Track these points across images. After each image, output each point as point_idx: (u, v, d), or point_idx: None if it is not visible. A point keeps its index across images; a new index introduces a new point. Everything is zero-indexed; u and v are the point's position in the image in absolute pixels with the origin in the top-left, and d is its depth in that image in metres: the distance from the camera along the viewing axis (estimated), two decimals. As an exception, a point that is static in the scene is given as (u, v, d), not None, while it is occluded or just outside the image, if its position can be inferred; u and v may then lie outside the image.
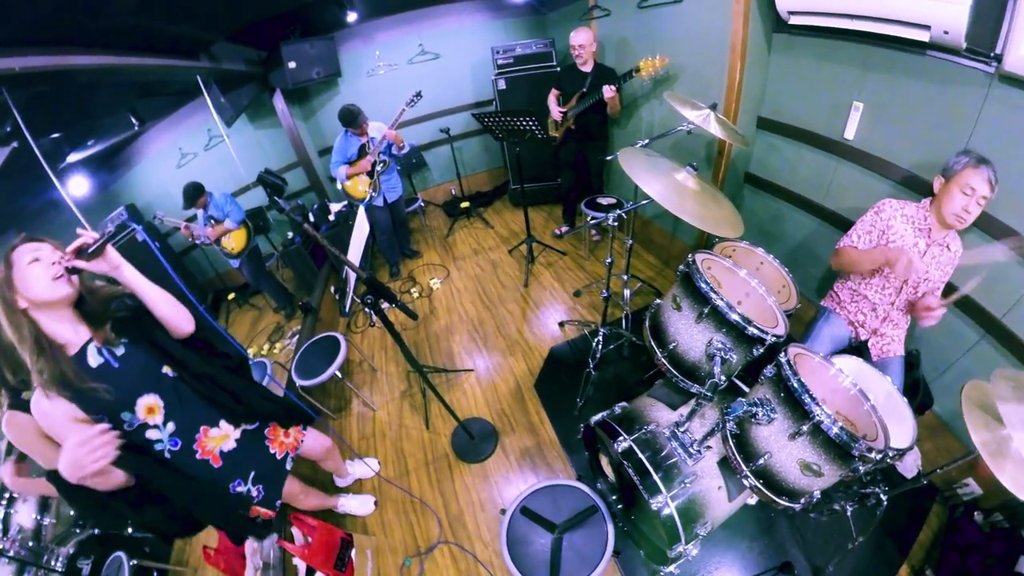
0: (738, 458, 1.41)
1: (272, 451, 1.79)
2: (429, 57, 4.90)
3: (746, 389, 1.73)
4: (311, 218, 4.50)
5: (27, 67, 1.86)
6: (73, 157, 3.20)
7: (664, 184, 1.79)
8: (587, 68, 3.43)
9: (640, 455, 1.61)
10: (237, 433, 1.65)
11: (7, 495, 2.30)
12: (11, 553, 2.09)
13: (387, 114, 3.75)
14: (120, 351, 1.35)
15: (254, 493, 1.68)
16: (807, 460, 1.27)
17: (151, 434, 1.40)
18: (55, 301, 1.22)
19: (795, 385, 1.26)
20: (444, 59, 4.94)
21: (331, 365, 2.77)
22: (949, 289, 1.86)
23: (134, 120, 3.64)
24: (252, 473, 1.68)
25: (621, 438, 1.66)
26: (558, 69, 4.22)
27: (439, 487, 2.55)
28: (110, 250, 1.25)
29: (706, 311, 1.55)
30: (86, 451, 1.13)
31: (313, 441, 2.03)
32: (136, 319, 1.39)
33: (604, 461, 2.06)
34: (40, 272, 1.18)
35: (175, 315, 1.41)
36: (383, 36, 4.75)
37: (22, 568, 2.12)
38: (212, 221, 3.76)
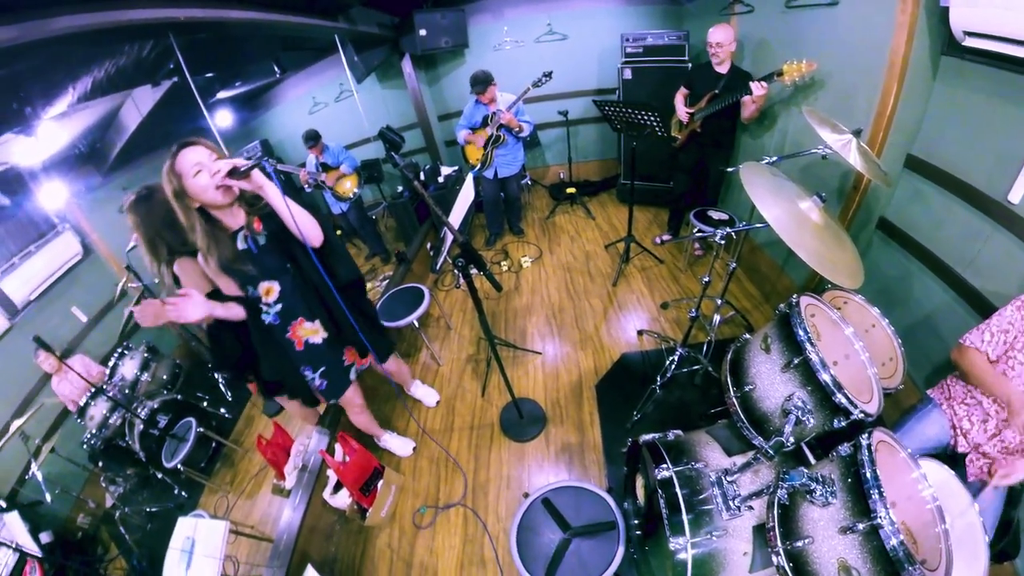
0: (777, 531, 1.28)
1: (343, 357, 2.06)
2: (556, 37, 4.83)
3: (812, 460, 1.56)
4: (422, 176, 4.77)
5: (190, 17, 2.18)
6: (222, 94, 3.79)
7: (784, 210, 1.63)
8: (722, 69, 3.14)
9: (677, 489, 1.52)
10: (325, 334, 1.92)
11: (119, 350, 2.84)
12: (110, 394, 2.64)
13: (507, 90, 3.82)
14: (261, 241, 1.68)
15: (317, 383, 1.98)
16: (849, 562, 1.12)
17: (263, 307, 1.78)
18: (219, 203, 1.53)
19: (868, 475, 1.11)
20: (571, 41, 4.84)
21: (412, 313, 2.95)
22: None
23: (277, 69, 4.21)
24: (322, 368, 1.98)
25: (665, 465, 1.59)
26: (689, 66, 3.93)
27: (475, 452, 2.66)
28: (255, 173, 1.48)
29: (796, 362, 1.42)
30: None
31: (390, 365, 2.43)
32: (280, 222, 1.65)
33: (639, 483, 1.98)
34: (205, 181, 1.45)
35: (307, 226, 1.63)
36: (512, 12, 4.76)
37: (114, 408, 2.67)
38: (324, 168, 4.18)
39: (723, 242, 2.23)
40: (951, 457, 1.70)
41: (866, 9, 2.24)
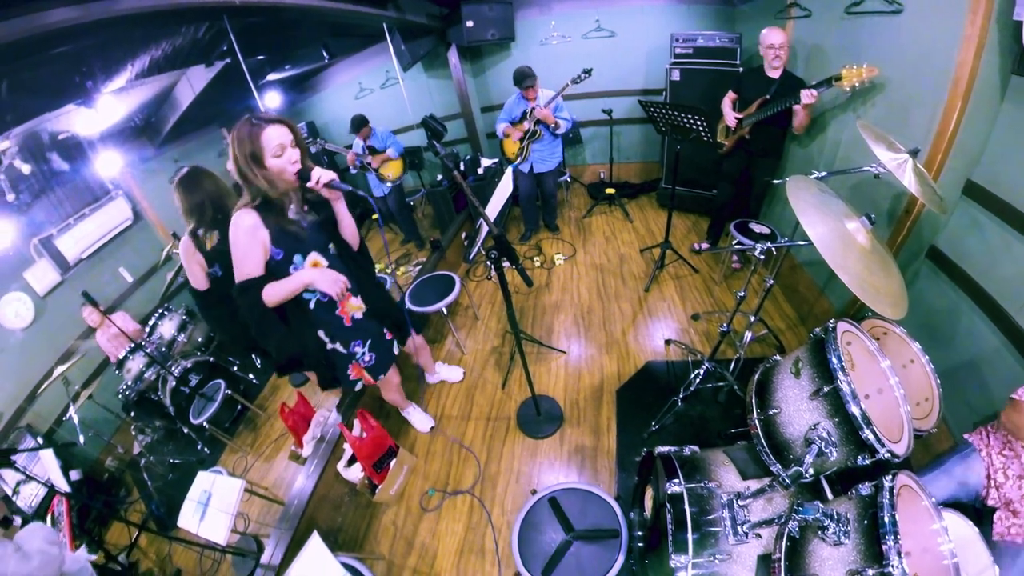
0: (782, 564, 1.23)
1: (384, 331, 2.15)
2: (604, 34, 4.72)
3: (829, 495, 1.50)
4: (461, 167, 4.80)
5: (245, 1, 2.25)
6: (272, 76, 3.97)
7: (830, 229, 1.56)
8: (775, 73, 2.98)
9: (686, 506, 1.49)
10: (365, 307, 2.04)
11: (160, 311, 3.01)
12: (148, 350, 2.81)
13: (552, 85, 3.79)
14: (310, 219, 1.79)
15: (367, 358, 2.07)
16: (855, 608, 1.07)
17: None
18: (287, 181, 1.67)
19: (886, 519, 1.05)
20: (619, 38, 4.72)
21: (441, 300, 2.99)
22: None
23: (325, 54, 4.35)
24: (370, 340, 2.06)
25: (677, 480, 1.55)
26: (740, 69, 3.77)
27: (489, 443, 2.68)
28: (332, 188, 1.68)
29: (826, 390, 1.36)
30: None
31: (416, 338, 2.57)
32: (326, 211, 1.83)
33: (649, 494, 1.95)
34: (283, 163, 1.60)
35: (351, 235, 1.91)
36: (561, 7, 4.69)
37: (150, 364, 2.88)
38: (370, 151, 4.29)
39: (763, 257, 2.14)
40: (979, 511, 1.59)
41: (932, 20, 2.07)
